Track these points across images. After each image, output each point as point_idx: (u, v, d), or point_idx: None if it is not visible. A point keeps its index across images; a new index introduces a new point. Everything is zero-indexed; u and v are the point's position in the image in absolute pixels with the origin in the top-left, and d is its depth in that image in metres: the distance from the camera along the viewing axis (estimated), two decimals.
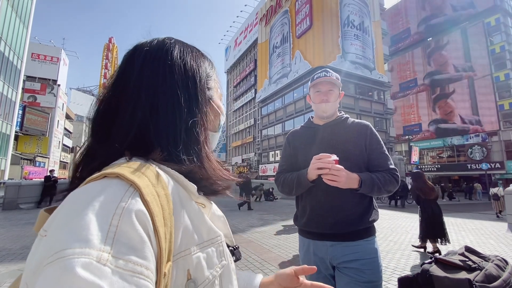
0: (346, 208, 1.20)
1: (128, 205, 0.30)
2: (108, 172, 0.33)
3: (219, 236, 0.43)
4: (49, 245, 0.26)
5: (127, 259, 0.27)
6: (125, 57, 0.46)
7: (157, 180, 0.35)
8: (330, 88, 1.32)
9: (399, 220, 7.99)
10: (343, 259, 1.17)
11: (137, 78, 0.42)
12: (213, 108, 0.51)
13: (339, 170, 1.07)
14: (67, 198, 0.32)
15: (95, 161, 0.40)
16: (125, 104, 0.41)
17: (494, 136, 29.69)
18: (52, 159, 31.39)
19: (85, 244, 0.25)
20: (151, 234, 0.30)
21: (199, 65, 0.47)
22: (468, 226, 6.95)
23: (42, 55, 33.35)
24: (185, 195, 0.40)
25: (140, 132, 0.40)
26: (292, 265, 3.37)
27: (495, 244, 5.00)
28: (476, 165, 29.28)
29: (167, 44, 0.46)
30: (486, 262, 0.91)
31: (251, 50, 44.33)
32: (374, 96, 30.14)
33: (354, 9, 29.98)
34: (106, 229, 0.27)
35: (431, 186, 4.79)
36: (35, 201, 10.13)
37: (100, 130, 0.43)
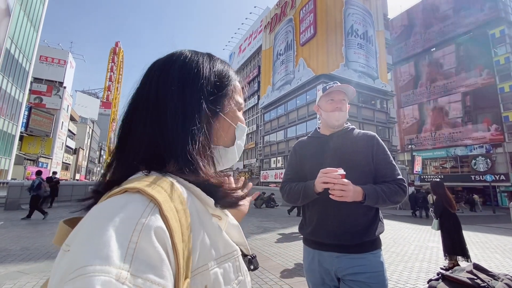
0: (353, 219, 1.19)
1: (148, 222, 0.30)
2: (129, 187, 0.33)
3: (235, 251, 0.43)
4: (71, 261, 0.27)
5: (146, 278, 0.27)
6: (143, 74, 0.47)
7: (175, 195, 0.35)
8: (343, 98, 1.35)
9: (402, 231, 7.88)
10: (349, 271, 1.16)
11: (147, 93, 0.44)
12: (224, 121, 0.48)
13: (346, 185, 1.07)
14: (89, 212, 0.32)
15: (114, 175, 0.42)
16: (137, 119, 0.43)
17: (499, 147, 29.42)
18: (55, 160, 31.55)
19: (106, 261, 0.26)
20: (170, 251, 0.30)
21: (201, 75, 0.45)
22: (472, 239, 6.82)
23: (50, 58, 33.91)
24: (202, 209, 0.40)
25: (153, 147, 0.41)
26: (293, 274, 3.33)
27: (501, 259, 4.89)
28: (480, 176, 28.93)
29: (172, 58, 0.46)
30: (495, 281, 0.88)
31: (255, 56, 44.72)
32: (377, 105, 30.12)
33: (358, 18, 30.26)
34: (125, 246, 0.27)
35: (452, 197, 4.42)
36: None
37: (120, 145, 0.44)
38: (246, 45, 47.94)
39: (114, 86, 66.40)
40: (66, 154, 36.29)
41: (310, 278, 1.29)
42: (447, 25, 36.40)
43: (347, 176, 1.10)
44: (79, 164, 42.97)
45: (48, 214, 7.77)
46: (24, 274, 3.29)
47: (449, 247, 4.11)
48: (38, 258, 4.00)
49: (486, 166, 29.40)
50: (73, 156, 40.39)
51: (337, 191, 1.08)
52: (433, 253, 5.16)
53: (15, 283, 3.01)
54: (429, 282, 0.96)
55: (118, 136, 0.45)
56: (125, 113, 0.46)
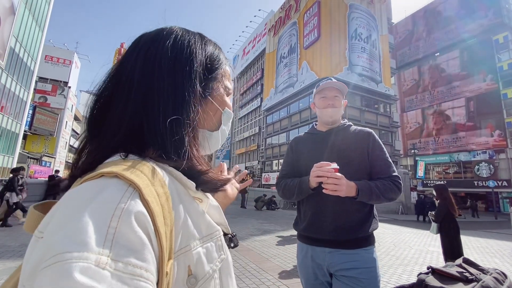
0: (346, 215, 1.20)
1: (128, 206, 0.29)
2: (106, 171, 0.32)
3: (217, 231, 0.43)
4: (46, 248, 0.25)
5: (127, 262, 0.26)
6: (128, 48, 0.44)
7: (155, 179, 0.34)
8: (336, 94, 1.36)
9: (402, 235, 7.84)
10: (341, 266, 1.17)
11: (130, 71, 0.40)
12: (211, 104, 0.47)
13: (339, 179, 1.08)
14: (64, 197, 0.31)
15: (89, 157, 0.39)
16: (118, 98, 0.40)
17: (502, 153, 29.21)
18: (58, 159, 31.78)
19: (83, 247, 0.25)
20: (152, 235, 0.30)
21: (193, 56, 0.43)
22: (473, 244, 6.78)
23: (56, 58, 34.31)
24: (182, 191, 0.39)
25: (134, 128, 0.38)
26: (291, 275, 3.34)
27: (499, 263, 4.86)
28: (482, 182, 28.71)
29: (162, 34, 0.43)
30: (484, 274, 0.90)
31: (259, 59, 44.92)
32: (380, 109, 30.08)
33: (362, 22, 30.34)
34: (104, 232, 0.26)
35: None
36: (38, 200, 10.20)
37: (95, 125, 0.41)
38: (250, 48, 48.19)
39: None
40: (69, 153, 36.54)
41: (303, 273, 1.30)
42: (451, 30, 36.37)
43: (342, 172, 1.11)
44: None
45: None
46: None
47: (449, 251, 4.09)
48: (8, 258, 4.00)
49: (489, 172, 29.20)
50: None
51: (330, 185, 1.08)
52: (433, 257, 5.14)
53: None
54: (418, 275, 0.98)
55: (92, 113, 0.42)
56: (102, 88, 0.42)
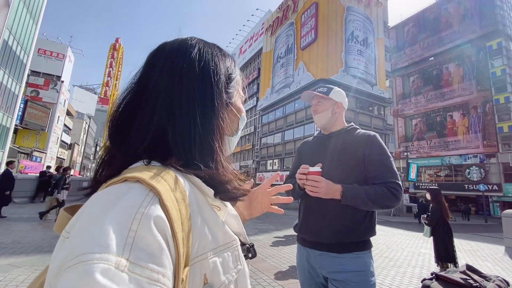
0: (335, 218, 1.19)
1: (148, 211, 0.30)
2: (129, 176, 0.33)
3: (234, 241, 0.43)
4: (71, 248, 0.27)
5: (145, 266, 0.27)
6: (147, 59, 0.45)
7: (176, 185, 0.35)
8: (318, 100, 1.39)
9: (395, 236, 7.93)
10: (331, 269, 1.17)
11: (156, 80, 0.41)
12: (232, 112, 0.49)
13: (318, 181, 1.11)
14: (89, 200, 0.32)
15: (114, 164, 0.40)
16: (144, 106, 0.41)
17: (492, 158, 29.81)
18: (49, 155, 31.19)
19: (105, 249, 0.26)
20: (170, 240, 0.31)
21: (218, 67, 0.45)
22: (464, 247, 6.90)
23: (49, 51, 33.61)
24: (201, 199, 0.40)
25: (158, 136, 0.39)
26: (287, 276, 3.33)
27: (491, 267, 4.95)
28: (473, 186, 29.28)
29: (187, 44, 0.45)
30: (487, 281, 0.90)
31: (255, 58, 44.87)
32: (374, 111, 30.39)
33: (359, 25, 30.58)
34: (125, 235, 0.27)
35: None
36: (29, 196, 10.03)
37: (118, 132, 0.42)
38: (247, 47, 48.09)
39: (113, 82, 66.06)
40: (61, 149, 35.92)
41: (301, 274, 1.33)
42: (446, 35, 36.93)
43: (333, 175, 1.15)
44: (74, 159, 42.54)
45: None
46: (15, 267, 3.25)
47: (442, 254, 4.14)
48: (30, 252, 3.96)
49: (480, 176, 29.78)
50: (68, 151, 39.98)
51: (309, 186, 1.12)
52: (425, 259, 5.21)
53: (6, 276, 2.97)
54: (423, 281, 0.98)
55: (117, 121, 0.43)
56: (128, 96, 0.43)
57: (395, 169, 1.20)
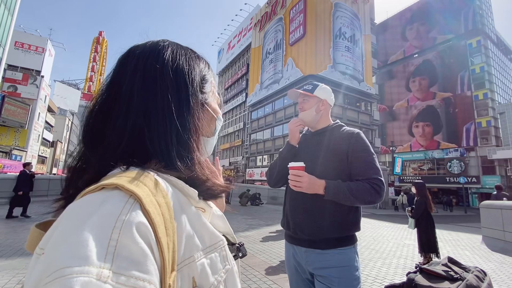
0: (318, 214, 1.19)
1: (129, 218, 0.29)
2: (106, 183, 0.32)
3: (221, 241, 0.43)
4: (46, 264, 0.25)
5: (129, 275, 0.26)
6: (119, 60, 0.45)
7: (156, 189, 0.34)
8: (303, 98, 1.41)
9: (380, 229, 8.18)
10: (315, 265, 1.19)
11: (130, 81, 0.41)
12: (208, 112, 0.49)
13: (300, 176, 1.14)
14: (64, 212, 0.30)
15: (89, 171, 0.38)
16: (118, 109, 0.40)
17: (472, 151, 31.17)
18: (30, 153, 29.97)
19: (84, 261, 0.24)
20: (154, 246, 0.30)
21: (192, 68, 0.46)
22: (445, 237, 7.21)
23: (27, 44, 32.01)
24: (185, 201, 0.39)
25: (134, 138, 0.39)
26: (277, 271, 3.35)
27: (470, 256, 5.21)
28: (454, 178, 30.56)
29: (159, 46, 0.45)
30: (467, 273, 0.96)
31: (244, 54, 44.56)
32: (362, 107, 30.98)
33: (346, 21, 30.90)
34: (106, 244, 0.26)
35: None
36: (9, 197, 9.59)
37: (91, 136, 0.41)
38: (235, 42, 47.64)
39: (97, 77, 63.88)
40: (42, 147, 34.56)
41: (288, 270, 1.35)
42: (429, 33, 37.96)
43: (316, 171, 1.19)
44: (57, 157, 41.08)
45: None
46: None
47: (425, 245, 4.33)
48: (11, 255, 3.81)
49: (460, 169, 31.11)
50: (50, 149, 38.53)
51: (292, 181, 1.15)
52: (409, 250, 5.41)
53: None
54: (407, 275, 1.02)
55: (91, 124, 0.42)
56: (100, 98, 0.43)
57: (378, 165, 1.21)
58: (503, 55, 38.18)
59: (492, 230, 5.92)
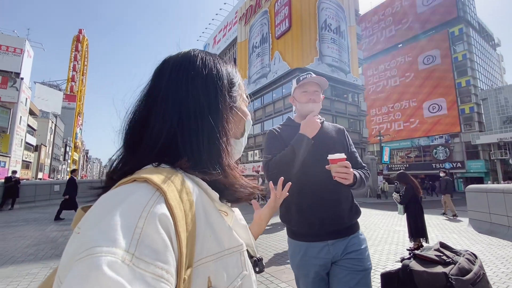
0: (343, 203, 1.26)
1: (153, 209, 0.31)
2: (137, 176, 0.35)
3: (240, 245, 0.44)
4: (80, 242, 0.28)
5: (150, 262, 0.28)
6: (154, 72, 0.48)
7: (182, 186, 0.37)
8: (316, 89, 1.38)
9: (372, 217, 8.41)
10: (344, 252, 1.22)
11: (165, 90, 0.44)
12: (237, 114, 0.51)
13: (348, 167, 1.14)
14: (100, 199, 0.34)
15: (126, 166, 0.42)
16: (155, 115, 0.43)
17: (456, 138, 32.23)
18: (14, 158, 28.89)
19: (113, 243, 0.27)
20: (173, 238, 0.32)
21: (221, 73, 0.48)
22: (434, 222, 7.49)
23: (4, 46, 30.50)
24: (208, 203, 0.41)
25: (169, 141, 0.42)
26: (273, 263, 3.39)
27: (457, 238, 5.43)
28: (440, 164, 31.59)
29: (190, 55, 0.48)
30: (458, 256, 1.00)
31: (230, 48, 44.05)
32: (349, 98, 31.34)
33: (331, 13, 30.94)
34: (132, 231, 0.29)
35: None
36: None
37: (131, 140, 0.45)
38: (221, 37, 46.97)
39: (79, 77, 61.74)
40: (26, 151, 33.36)
41: (303, 272, 1.25)
42: (412, 22, 38.56)
43: (327, 163, 1.18)
44: (42, 162, 39.78)
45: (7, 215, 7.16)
46: None
47: (414, 231, 4.49)
48: (3, 263, 3.70)
49: (445, 155, 32.18)
50: (35, 153, 37.24)
51: (342, 173, 1.13)
52: (400, 236, 5.59)
53: None
54: (402, 261, 1.06)
55: (131, 130, 0.45)
56: (139, 105, 0.46)
57: None
58: (485, 42, 39.21)
59: (478, 213, 6.17)
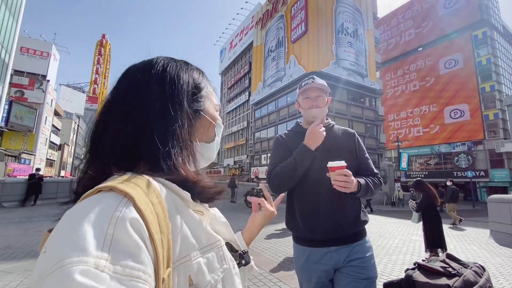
0: (347, 210, 1.25)
1: (122, 214, 0.31)
2: (102, 186, 0.35)
3: (218, 241, 0.45)
4: (48, 258, 0.27)
5: (124, 265, 0.28)
6: (118, 79, 0.48)
7: (149, 189, 0.37)
8: (319, 94, 1.36)
9: (387, 225, 8.14)
10: (347, 260, 1.21)
11: (123, 96, 0.45)
12: (204, 118, 0.51)
13: (348, 176, 1.11)
14: (65, 214, 0.33)
15: (87, 176, 0.42)
16: (112, 121, 0.43)
17: (479, 145, 30.65)
18: (38, 156, 30.51)
19: (82, 252, 0.26)
20: (147, 241, 0.32)
21: (181, 78, 0.48)
22: (452, 232, 7.15)
23: (32, 50, 32.49)
24: (180, 203, 0.41)
25: (128, 147, 0.42)
26: (282, 268, 3.37)
27: (477, 250, 5.15)
28: (461, 172, 30.10)
29: (151, 62, 0.48)
30: (465, 268, 0.96)
31: (246, 53, 44.47)
32: (366, 103, 30.67)
33: (348, 17, 30.56)
34: (102, 238, 0.28)
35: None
36: (19, 200, 9.82)
37: (93, 147, 0.45)
38: (237, 41, 47.56)
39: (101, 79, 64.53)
40: (50, 150, 35.14)
41: (305, 277, 1.27)
42: (433, 25, 37.31)
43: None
44: (64, 160, 41.73)
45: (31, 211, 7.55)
46: (7, 273, 3.22)
47: (431, 241, 4.29)
48: (22, 257, 3.91)
49: (468, 163, 30.63)
50: (58, 152, 39.15)
51: (342, 182, 1.10)
52: (415, 246, 5.38)
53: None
54: (406, 271, 1.03)
55: (92, 136, 0.45)
56: (100, 113, 0.46)
57: None
58: (510, 46, 37.24)
59: (500, 225, 5.84)
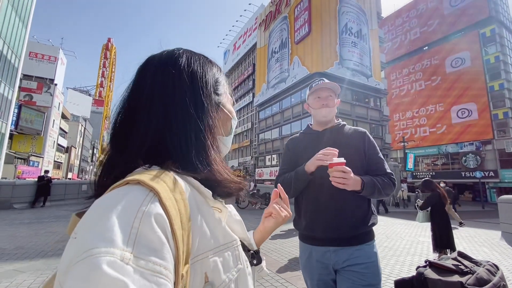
0: (348, 211, 1.23)
1: (148, 209, 0.32)
2: (130, 179, 0.35)
3: (235, 241, 0.45)
4: (78, 246, 0.28)
5: (148, 259, 0.29)
6: (138, 70, 0.48)
7: (174, 186, 0.37)
8: (329, 94, 1.39)
9: (394, 226, 8.05)
10: (346, 263, 1.20)
11: (150, 89, 0.44)
12: (223, 112, 0.52)
13: (347, 172, 1.10)
14: (94, 203, 0.34)
15: (116, 170, 0.42)
16: (140, 115, 0.43)
17: (488, 144, 30.08)
18: (46, 159, 31.03)
19: (110, 244, 0.27)
20: (169, 236, 0.32)
21: (206, 72, 0.48)
22: (462, 234, 7.03)
23: (40, 54, 33.15)
24: (201, 200, 0.42)
25: (156, 141, 0.42)
26: (289, 269, 3.37)
27: (488, 252, 5.06)
28: (470, 173, 29.57)
29: (175, 55, 0.47)
30: (477, 266, 0.96)
31: (250, 54, 44.59)
32: (371, 103, 30.44)
33: (352, 17, 30.43)
34: (128, 231, 0.29)
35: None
36: (29, 201, 10.01)
37: (118, 141, 0.45)
38: (240, 43, 47.74)
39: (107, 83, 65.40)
40: (58, 152, 35.71)
41: (308, 274, 1.30)
42: (439, 24, 36.88)
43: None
44: (71, 162, 42.34)
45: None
46: (20, 273, 3.29)
47: (439, 241, 4.24)
48: (34, 257, 3.99)
49: (476, 163, 30.07)
50: (65, 154, 39.75)
51: (339, 178, 1.09)
52: (423, 247, 5.31)
53: (12, 282, 3.01)
54: (417, 269, 1.03)
55: (117, 129, 0.45)
56: (122, 106, 0.46)
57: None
58: None
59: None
